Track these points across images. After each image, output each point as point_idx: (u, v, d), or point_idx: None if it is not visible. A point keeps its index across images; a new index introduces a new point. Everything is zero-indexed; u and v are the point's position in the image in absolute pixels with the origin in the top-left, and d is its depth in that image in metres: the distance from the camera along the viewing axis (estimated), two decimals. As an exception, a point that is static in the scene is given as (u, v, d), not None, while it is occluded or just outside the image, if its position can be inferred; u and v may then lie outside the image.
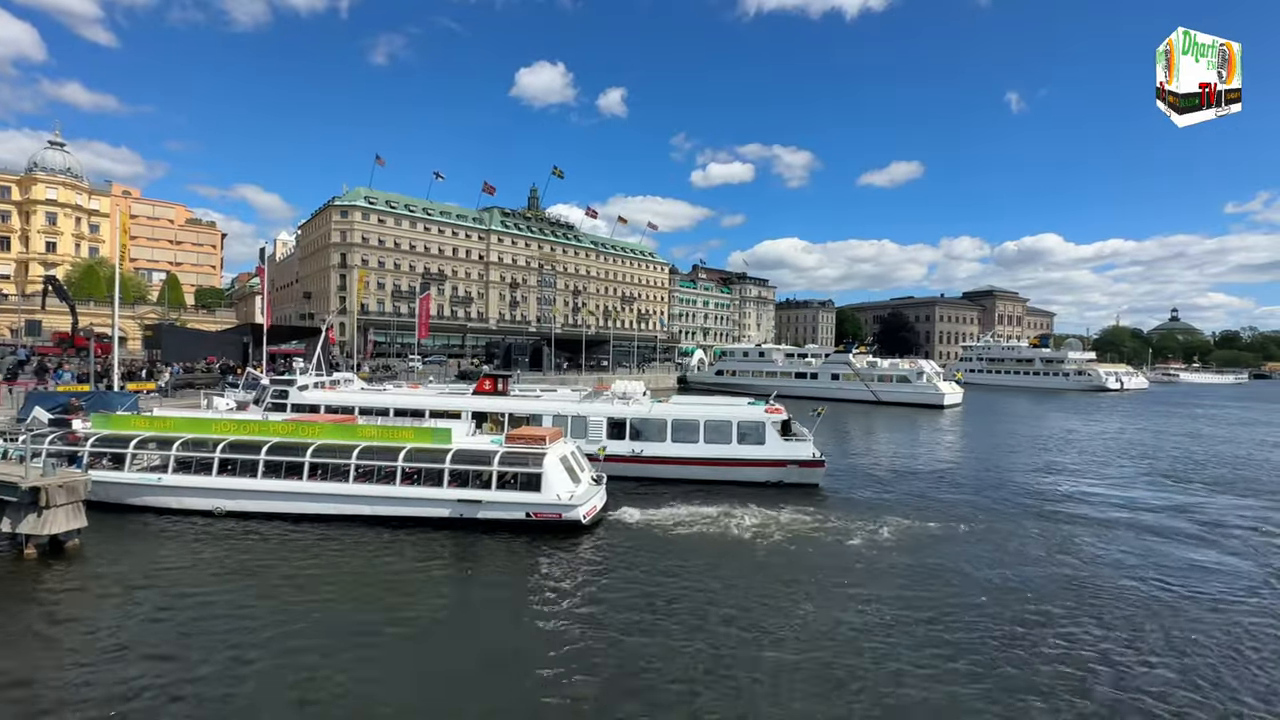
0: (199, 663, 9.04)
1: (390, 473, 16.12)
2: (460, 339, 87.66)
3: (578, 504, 15.36)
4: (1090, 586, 12.77)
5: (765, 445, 21.41)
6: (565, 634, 10.25)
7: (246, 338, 43.54)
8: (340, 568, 13.14)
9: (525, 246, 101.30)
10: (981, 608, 11.54)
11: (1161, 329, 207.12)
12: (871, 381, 59.77)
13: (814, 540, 15.49)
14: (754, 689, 8.71)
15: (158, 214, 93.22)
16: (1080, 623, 11.00)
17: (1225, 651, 10.06)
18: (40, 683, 8.56)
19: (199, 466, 16.78)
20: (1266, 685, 9.08)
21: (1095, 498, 20.96)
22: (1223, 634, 10.69)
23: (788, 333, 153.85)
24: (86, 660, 9.10)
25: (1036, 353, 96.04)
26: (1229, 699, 8.67)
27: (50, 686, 8.46)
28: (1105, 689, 8.84)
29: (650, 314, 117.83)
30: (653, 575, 12.90)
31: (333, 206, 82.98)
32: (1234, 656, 9.90)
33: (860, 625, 10.73)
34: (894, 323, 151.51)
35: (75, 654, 9.30)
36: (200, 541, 14.50)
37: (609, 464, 19.75)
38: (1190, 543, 16.07)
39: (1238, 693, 8.83)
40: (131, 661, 9.06)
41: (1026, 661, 9.58)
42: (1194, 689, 8.90)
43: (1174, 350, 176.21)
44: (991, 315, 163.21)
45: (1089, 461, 28.85)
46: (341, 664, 9.11)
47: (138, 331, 58.57)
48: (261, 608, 10.95)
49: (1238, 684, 9.07)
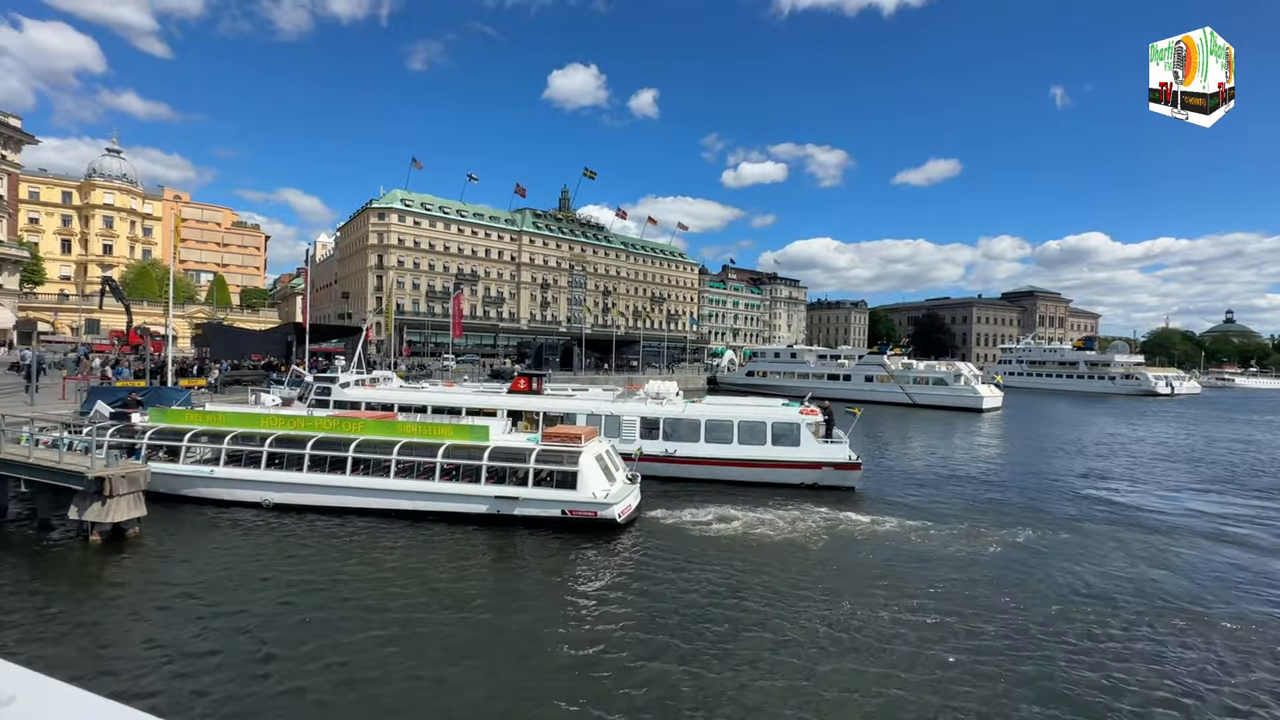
0: (250, 647, 9.39)
1: (430, 468, 16.46)
2: (493, 339, 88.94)
3: (613, 502, 15.45)
4: (1143, 595, 12.30)
5: (800, 447, 21.19)
6: (599, 630, 10.34)
7: (290, 336, 44.94)
8: (382, 561, 13.48)
9: (556, 247, 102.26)
10: (1018, 614, 11.22)
11: (1215, 331, 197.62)
12: (907, 384, 58.56)
13: (850, 543, 15.27)
14: (786, 691, 8.65)
15: (206, 217, 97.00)
16: (1131, 633, 10.62)
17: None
18: (107, 655, 9.01)
19: (248, 460, 17.39)
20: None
21: (1145, 505, 20.15)
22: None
23: (819, 334, 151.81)
24: (151, 637, 9.54)
25: (1081, 355, 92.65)
26: None
27: (118, 659, 8.90)
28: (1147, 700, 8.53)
29: (680, 314, 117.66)
30: (687, 575, 12.90)
31: (370, 209, 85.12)
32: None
33: (894, 631, 10.55)
34: (929, 324, 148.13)
35: (140, 632, 9.76)
36: (250, 532, 15.05)
37: (642, 463, 19.81)
38: (1254, 552, 15.34)
39: None
40: (189, 641, 9.47)
41: (1064, 672, 9.29)
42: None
43: (1229, 354, 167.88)
44: (1032, 317, 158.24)
45: (1137, 467, 27.76)
46: (383, 654, 9.36)
47: (187, 330, 60.99)
48: (307, 597, 11.32)
49: None
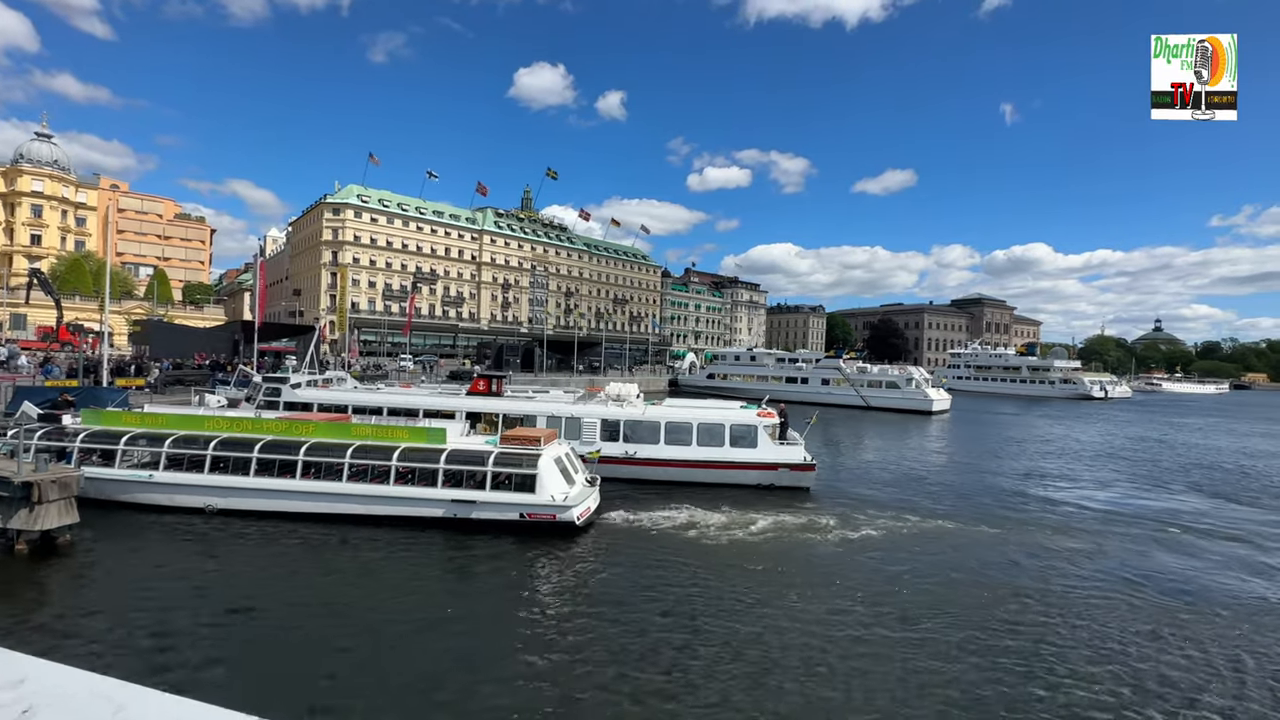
0: (189, 659, 9.06)
1: (384, 472, 16.14)
2: (452, 339, 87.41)
3: (572, 505, 15.46)
4: (1073, 588, 13.05)
5: (757, 448, 21.61)
6: (557, 635, 10.37)
7: (237, 335, 43.21)
8: (333, 566, 13.17)
9: (518, 247, 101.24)
10: (963, 607, 11.77)
11: (1145, 339, 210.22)
12: (861, 387, 60.25)
13: (804, 543, 15.70)
14: (745, 690, 8.87)
15: (146, 208, 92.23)
16: (1062, 623, 11.27)
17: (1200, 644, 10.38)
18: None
19: (191, 464, 16.71)
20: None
21: (1078, 501, 21.33)
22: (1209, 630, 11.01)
23: (778, 337, 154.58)
24: (77, 655, 9.08)
25: (1023, 361, 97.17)
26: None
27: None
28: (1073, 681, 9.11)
29: (642, 316, 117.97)
30: (646, 577, 13.04)
31: (324, 204, 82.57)
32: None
33: (847, 626, 10.92)
34: (884, 329, 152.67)
35: (66, 649, 9.28)
36: (192, 539, 14.46)
37: (602, 465, 19.86)
38: (1173, 545, 16.44)
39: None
40: (122, 657, 9.07)
41: (1005, 663, 9.81)
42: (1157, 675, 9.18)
43: (1157, 360, 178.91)
44: (979, 323, 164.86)
45: (1072, 467, 29.32)
46: (331, 662, 9.17)
47: (125, 327, 57.92)
48: (252, 605, 10.98)
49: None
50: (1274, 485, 26.48)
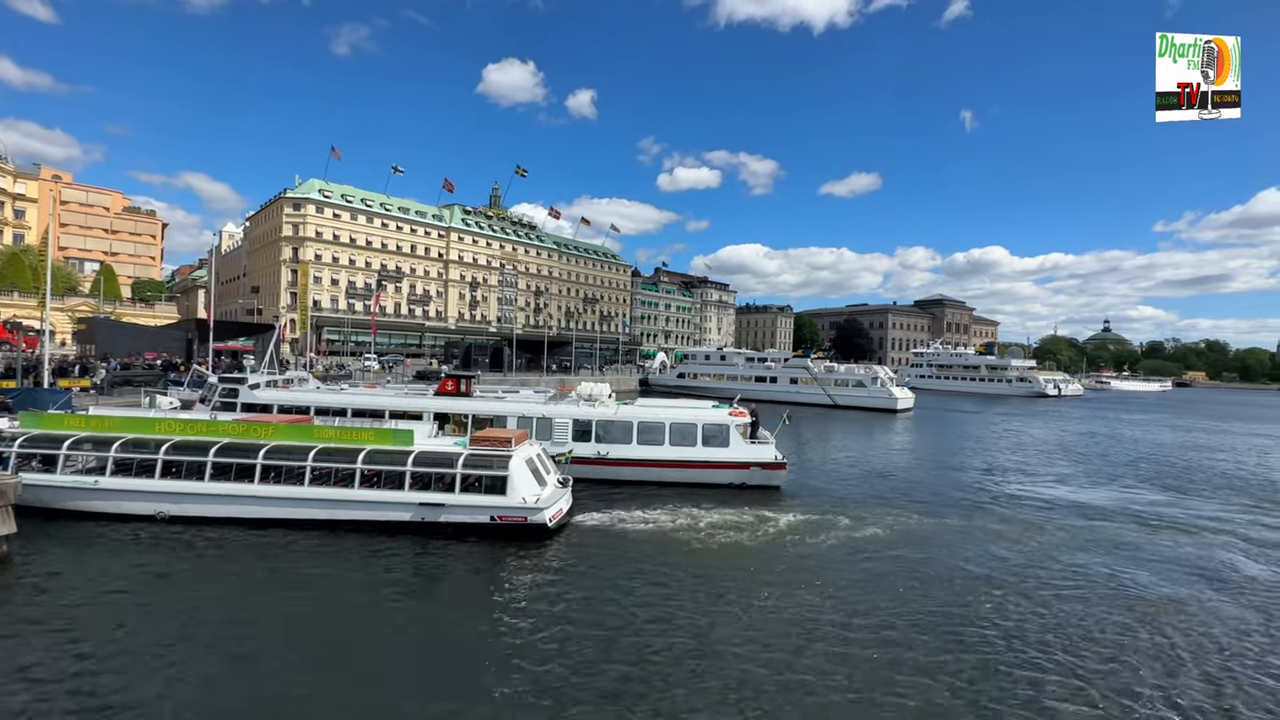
0: (137, 676, 8.59)
1: (349, 475, 15.65)
2: (418, 338, 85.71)
3: (543, 507, 15.23)
4: (1040, 580, 13.43)
5: (729, 447, 21.70)
6: (529, 638, 10.17)
7: (190, 333, 41.49)
8: (294, 574, 12.69)
9: (486, 245, 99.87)
10: (934, 604, 11.99)
11: (1095, 339, 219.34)
12: (829, 386, 61.25)
13: (776, 541, 15.79)
14: (717, 690, 8.84)
15: (92, 200, 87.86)
16: (1030, 614, 11.58)
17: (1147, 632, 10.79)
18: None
19: (140, 468, 15.92)
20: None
21: (1035, 495, 22.03)
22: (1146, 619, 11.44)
23: (747, 337, 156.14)
24: (11, 671, 8.52)
25: (982, 360, 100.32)
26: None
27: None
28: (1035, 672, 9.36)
29: (613, 316, 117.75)
30: (618, 578, 12.92)
31: (284, 198, 79.99)
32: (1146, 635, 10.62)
33: (817, 624, 11.00)
34: (850, 329, 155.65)
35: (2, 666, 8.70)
36: (141, 547, 13.78)
37: (574, 466, 19.67)
38: (1127, 533, 17.08)
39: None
40: (54, 685, 8.53)
41: (971, 658, 10.01)
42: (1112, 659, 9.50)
43: (1106, 359, 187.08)
44: (941, 323, 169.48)
45: (1030, 462, 30.29)
46: (294, 675, 8.81)
47: (68, 325, 55.09)
48: (203, 623, 10.44)
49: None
50: (1216, 477, 27.88)
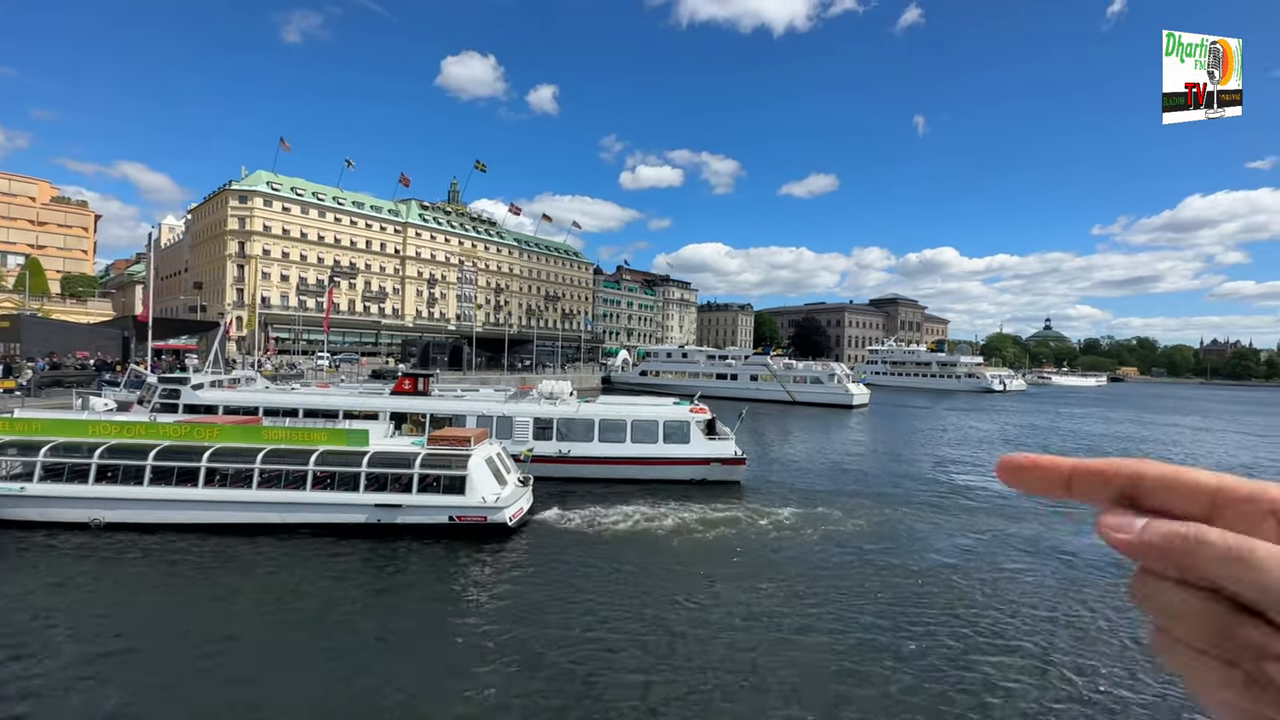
0: (59, 699, 8.14)
1: (300, 477, 15.16)
2: (374, 336, 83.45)
3: (504, 506, 15.10)
4: (993, 568, 14.06)
5: (690, 444, 21.91)
6: (489, 639, 10.08)
7: (127, 331, 39.38)
8: (239, 581, 12.22)
9: (445, 241, 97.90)
10: (887, 593, 12.42)
11: (1037, 337, 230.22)
12: (787, 383, 62.44)
13: (736, 536, 16.05)
14: (680, 686, 8.95)
15: (16, 190, 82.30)
16: (989, 602, 12.11)
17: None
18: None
19: (73, 474, 15.06)
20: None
21: (985, 486, 23.02)
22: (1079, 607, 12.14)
23: (709, 335, 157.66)
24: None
25: (933, 357, 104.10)
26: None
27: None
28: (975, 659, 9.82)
29: (575, 314, 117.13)
30: (579, 577, 12.92)
31: (230, 191, 76.63)
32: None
33: (779, 615, 11.26)
34: (808, 327, 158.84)
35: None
36: (73, 558, 13.03)
37: (535, 465, 19.54)
38: (1066, 521, 18.03)
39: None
40: (-7, 694, 8.03)
41: (920, 646, 10.43)
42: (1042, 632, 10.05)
43: (1047, 356, 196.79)
44: (894, 321, 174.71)
45: (976, 454, 31.59)
46: (237, 692, 8.50)
47: (-11, 322, 51.46)
48: (137, 640, 9.94)
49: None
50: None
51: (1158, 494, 0.42)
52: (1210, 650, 0.37)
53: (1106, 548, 0.29)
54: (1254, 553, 0.34)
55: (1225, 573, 0.35)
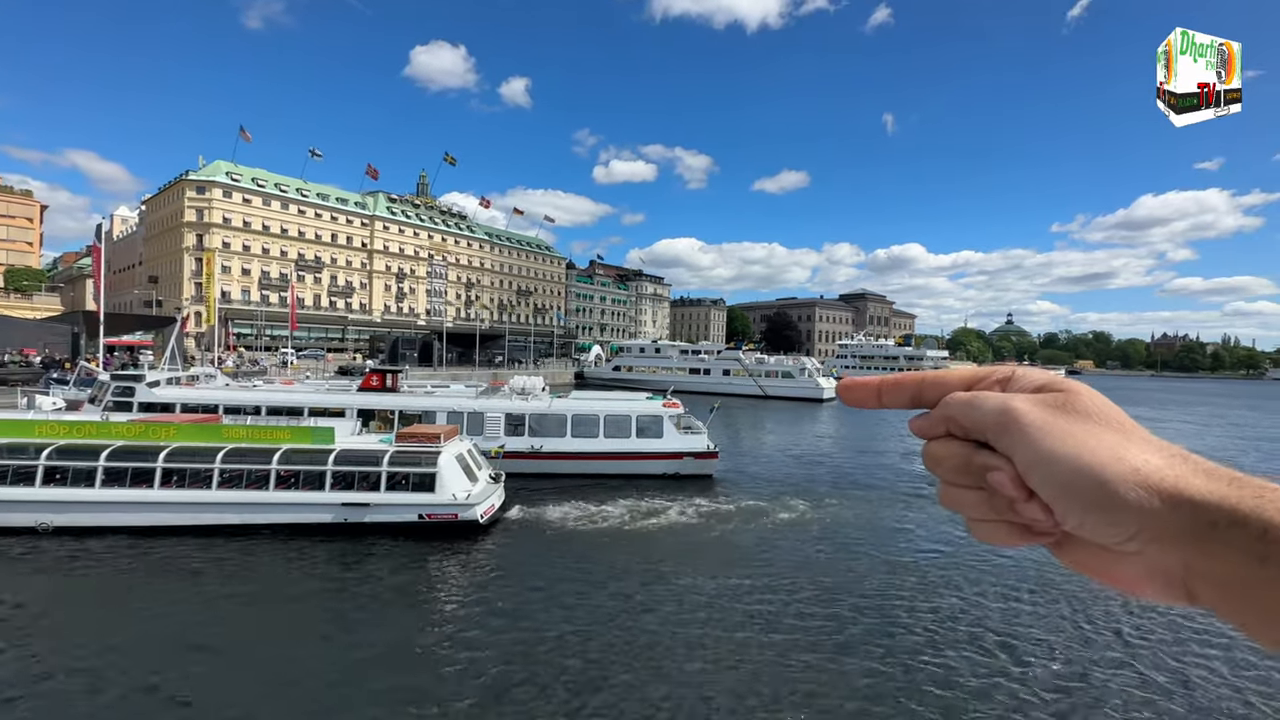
0: (30, 705, 7.78)
1: (263, 477, 14.73)
2: (340, 332, 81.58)
3: (475, 503, 14.91)
4: (967, 558, 14.43)
5: (663, 438, 21.97)
6: (460, 636, 9.96)
7: (77, 327, 37.71)
8: (196, 588, 11.83)
9: (414, 235, 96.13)
10: (860, 583, 12.65)
11: (1000, 331, 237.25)
12: (759, 377, 63.12)
13: (708, 529, 16.17)
14: (653, 679, 8.97)
15: (-48, 178, 77.91)
16: (963, 591, 12.42)
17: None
18: None
19: (17, 476, 14.36)
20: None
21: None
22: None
23: (682, 330, 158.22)
24: None
25: (901, 351, 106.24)
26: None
27: None
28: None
29: (547, 309, 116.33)
30: (551, 572, 12.84)
31: (187, 181, 73.94)
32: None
33: (752, 608, 11.37)
34: (779, 322, 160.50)
35: None
36: (19, 563, 12.46)
37: (507, 461, 19.35)
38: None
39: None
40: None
41: (888, 633, 10.66)
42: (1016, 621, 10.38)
43: (1009, 350, 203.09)
44: (864, 316, 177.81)
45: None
46: (203, 695, 8.23)
47: (-75, 318, 48.71)
48: (95, 638, 9.59)
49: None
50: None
51: (934, 390, 0.56)
52: (962, 480, 0.52)
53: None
54: (977, 398, 0.50)
55: (963, 417, 0.51)
